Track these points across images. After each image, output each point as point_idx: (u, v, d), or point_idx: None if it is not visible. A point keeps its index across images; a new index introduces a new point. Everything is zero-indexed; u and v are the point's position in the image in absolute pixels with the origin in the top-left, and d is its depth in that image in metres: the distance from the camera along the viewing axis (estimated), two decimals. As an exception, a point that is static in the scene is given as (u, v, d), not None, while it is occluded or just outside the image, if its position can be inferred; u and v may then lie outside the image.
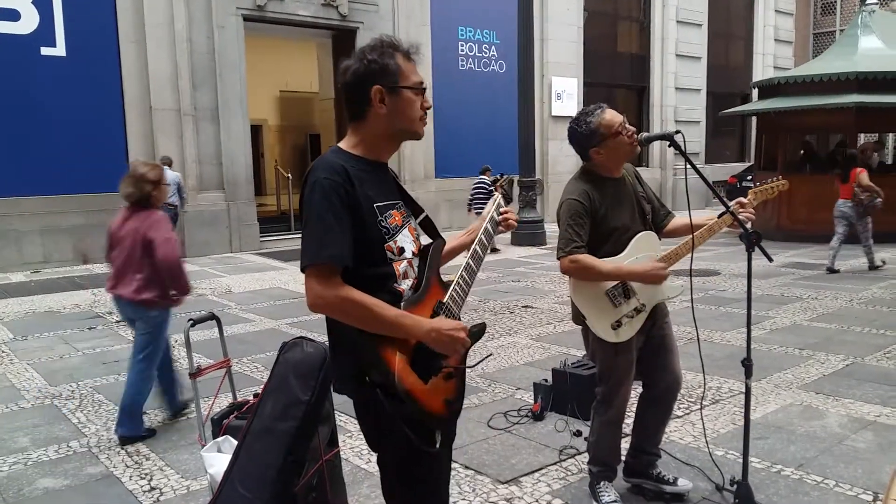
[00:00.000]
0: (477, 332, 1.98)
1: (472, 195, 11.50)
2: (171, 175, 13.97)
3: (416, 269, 1.96)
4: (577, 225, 2.86)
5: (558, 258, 2.89)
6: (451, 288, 1.98)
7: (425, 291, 1.92)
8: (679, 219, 3.15)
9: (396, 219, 1.93)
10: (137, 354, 4.11)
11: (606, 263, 2.84)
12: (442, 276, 2.03)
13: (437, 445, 1.89)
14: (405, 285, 1.90)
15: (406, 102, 1.90)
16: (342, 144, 1.93)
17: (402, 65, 1.89)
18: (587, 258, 2.83)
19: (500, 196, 2.29)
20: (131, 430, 3.99)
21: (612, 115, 2.90)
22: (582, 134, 2.92)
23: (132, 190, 4.07)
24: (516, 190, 12.20)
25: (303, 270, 1.78)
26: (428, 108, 1.96)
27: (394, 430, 1.80)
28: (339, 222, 1.77)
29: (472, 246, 2.11)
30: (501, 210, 2.25)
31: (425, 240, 2.10)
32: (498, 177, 2.37)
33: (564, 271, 2.88)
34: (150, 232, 3.98)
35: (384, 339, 1.77)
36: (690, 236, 2.92)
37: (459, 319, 1.95)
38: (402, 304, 1.83)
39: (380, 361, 1.76)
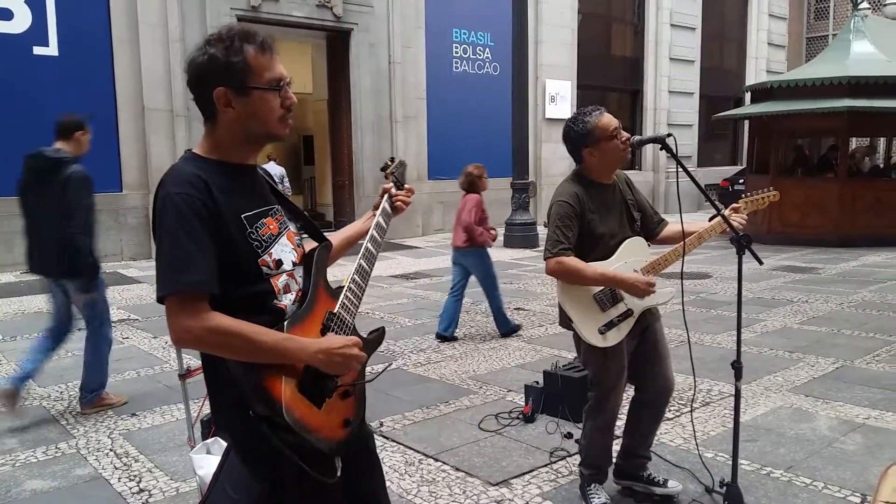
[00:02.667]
0: (374, 339, 1.86)
1: None
2: (276, 170, 13.99)
3: (299, 280, 1.76)
4: (564, 227, 2.86)
5: (545, 259, 2.91)
6: (343, 295, 1.78)
7: (312, 304, 1.72)
8: (672, 226, 3.16)
9: (271, 227, 1.71)
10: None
11: (592, 267, 2.85)
12: (330, 283, 1.84)
13: (339, 473, 1.74)
14: (287, 300, 1.71)
15: (260, 103, 1.65)
16: (197, 149, 1.71)
17: (254, 61, 1.63)
18: (573, 261, 2.83)
19: (391, 185, 2.09)
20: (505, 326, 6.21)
21: (608, 119, 2.92)
22: (577, 133, 2.93)
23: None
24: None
25: (160, 301, 1.55)
26: (290, 105, 1.71)
27: (289, 469, 1.64)
28: (198, 243, 1.55)
29: (364, 244, 1.92)
30: (393, 197, 2.07)
31: (309, 245, 1.89)
32: (388, 162, 2.16)
33: (550, 272, 2.89)
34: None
35: (267, 367, 1.58)
36: (680, 244, 2.94)
37: (354, 328, 1.78)
38: (286, 321, 1.64)
39: (263, 392, 1.56)
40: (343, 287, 1.81)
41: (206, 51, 1.64)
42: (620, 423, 3.23)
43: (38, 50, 10.25)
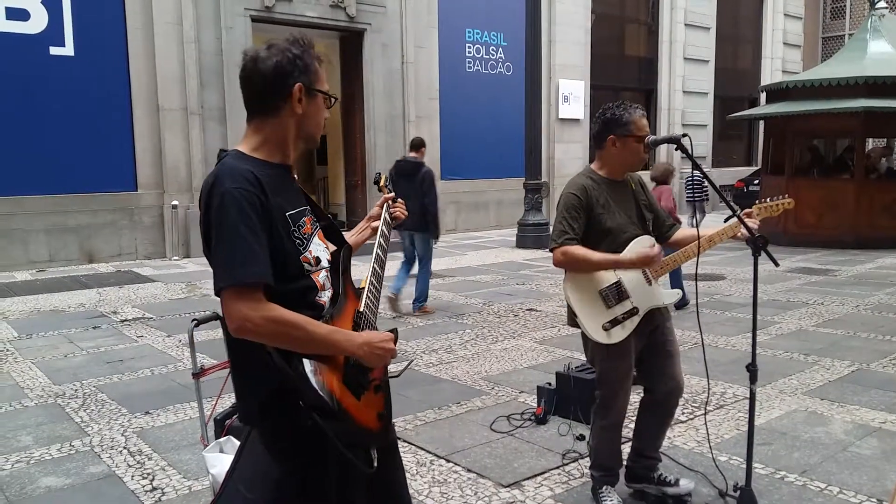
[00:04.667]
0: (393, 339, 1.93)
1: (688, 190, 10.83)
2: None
3: (331, 278, 1.85)
4: (571, 218, 2.87)
5: (550, 249, 2.92)
6: (364, 295, 1.87)
7: (343, 302, 1.82)
8: (684, 229, 3.15)
9: (308, 227, 1.81)
10: None
11: (597, 253, 2.84)
12: (354, 284, 1.94)
13: (375, 464, 1.79)
14: (325, 297, 1.79)
15: (318, 108, 1.81)
16: (243, 148, 1.78)
17: (318, 69, 1.80)
18: (578, 249, 2.84)
19: (391, 194, 2.23)
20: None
21: (644, 122, 2.95)
22: (614, 117, 2.93)
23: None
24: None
25: (218, 294, 1.62)
26: (326, 117, 1.88)
27: (326, 456, 1.69)
28: (257, 237, 1.62)
29: (374, 251, 2.01)
30: (392, 207, 2.20)
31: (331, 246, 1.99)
32: (378, 176, 2.33)
33: (556, 263, 2.90)
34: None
35: (315, 358, 1.65)
36: (690, 245, 2.93)
37: (375, 327, 1.88)
38: (323, 317, 1.73)
39: (314, 381, 1.63)
40: (364, 288, 1.89)
41: (288, 50, 1.74)
42: (631, 426, 3.22)
43: (54, 50, 10.34)
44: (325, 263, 1.82)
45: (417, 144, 7.57)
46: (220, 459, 2.69)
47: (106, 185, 10.86)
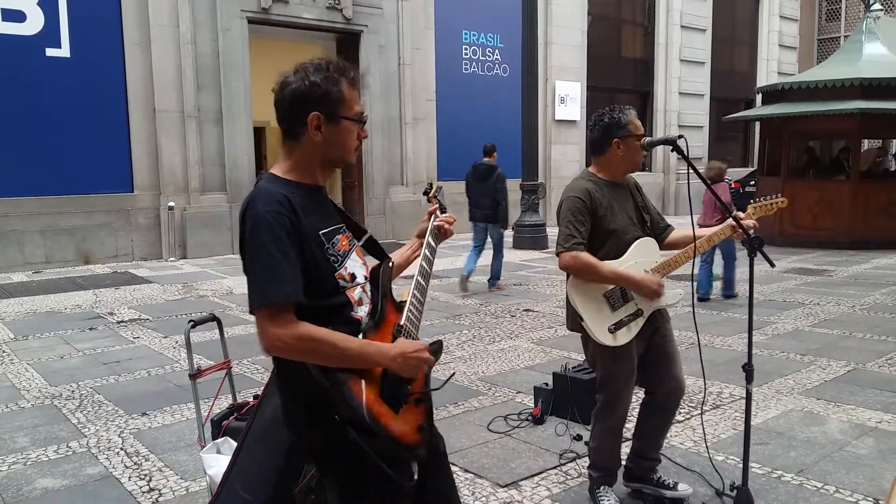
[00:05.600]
0: (436, 349, 1.93)
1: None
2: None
3: (369, 293, 1.89)
4: (577, 221, 2.87)
5: (557, 253, 2.90)
6: (406, 309, 1.90)
7: (382, 316, 1.84)
8: (678, 231, 3.15)
9: (343, 244, 1.84)
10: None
11: (606, 265, 2.84)
12: (395, 297, 1.96)
13: (416, 477, 1.81)
14: (362, 312, 1.82)
15: (345, 133, 1.82)
16: (276, 171, 1.83)
17: (347, 93, 1.79)
18: (588, 256, 2.83)
19: (437, 206, 2.23)
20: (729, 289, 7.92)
21: (639, 122, 2.99)
22: (614, 122, 2.95)
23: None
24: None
25: (252, 312, 1.68)
26: (363, 138, 1.89)
27: (368, 471, 1.70)
28: (287, 257, 1.67)
29: (419, 262, 2.04)
30: (439, 220, 2.19)
31: (371, 261, 2.01)
32: (429, 186, 2.31)
33: (564, 267, 2.88)
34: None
35: (349, 372, 1.69)
36: (689, 246, 2.93)
37: (418, 339, 1.89)
38: (361, 332, 1.76)
39: (349, 396, 1.67)
40: (406, 301, 1.92)
41: (306, 77, 1.76)
42: (630, 426, 3.22)
43: (50, 52, 10.33)
44: (360, 280, 1.86)
45: (490, 150, 8.59)
46: (218, 460, 2.69)
47: (102, 187, 10.86)
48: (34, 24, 10.18)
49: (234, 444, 2.66)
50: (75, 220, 10.63)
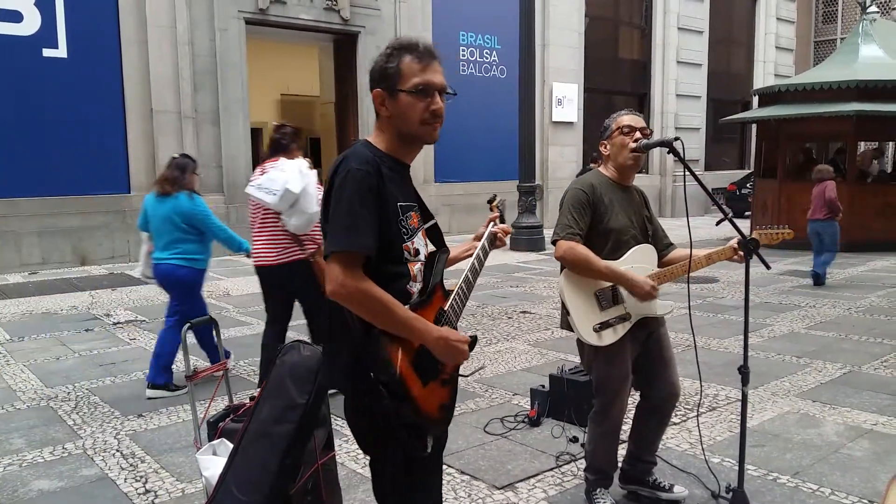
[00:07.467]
0: (472, 345, 2.00)
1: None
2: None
3: (424, 273, 1.98)
4: (577, 213, 2.88)
5: (553, 242, 2.90)
6: (452, 297, 1.99)
7: (430, 297, 1.93)
8: (679, 251, 3.14)
9: (414, 220, 1.94)
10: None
11: (602, 261, 2.85)
12: (445, 285, 2.04)
13: (429, 449, 1.89)
14: (415, 288, 1.91)
15: (404, 106, 1.88)
16: (370, 139, 1.95)
17: (406, 67, 1.88)
18: (584, 249, 2.84)
19: (497, 214, 2.32)
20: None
21: (626, 118, 3.00)
22: (604, 126, 3.06)
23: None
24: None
25: (326, 257, 1.78)
26: (434, 110, 1.90)
27: (390, 432, 1.80)
28: (369, 212, 1.77)
29: (471, 261, 2.13)
30: (497, 228, 2.26)
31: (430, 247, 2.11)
32: (491, 197, 2.40)
33: (560, 256, 2.87)
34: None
35: (391, 338, 1.78)
36: (686, 260, 2.94)
37: (457, 329, 1.97)
38: (409, 306, 1.84)
39: (385, 358, 1.76)
40: (453, 290, 2.01)
41: (376, 60, 1.93)
42: (626, 428, 3.22)
43: (47, 52, 10.31)
44: (422, 257, 1.96)
45: (597, 157, 9.61)
46: (214, 462, 2.69)
47: (99, 188, 10.84)
48: (31, 24, 10.16)
49: (231, 445, 2.66)
50: (72, 221, 10.61)
